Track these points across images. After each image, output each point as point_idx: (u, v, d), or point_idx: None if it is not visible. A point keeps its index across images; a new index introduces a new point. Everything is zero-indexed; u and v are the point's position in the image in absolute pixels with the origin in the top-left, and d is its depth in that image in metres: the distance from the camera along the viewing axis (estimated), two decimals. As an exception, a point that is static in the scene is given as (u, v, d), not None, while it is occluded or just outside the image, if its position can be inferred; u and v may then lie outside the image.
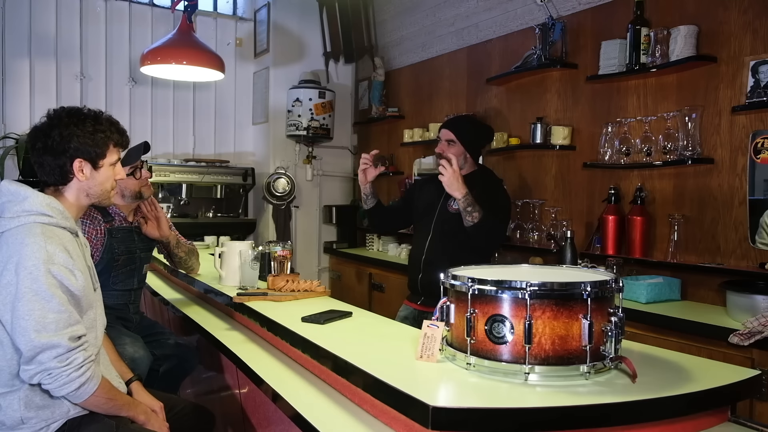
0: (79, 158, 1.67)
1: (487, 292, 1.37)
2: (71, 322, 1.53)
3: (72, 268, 1.56)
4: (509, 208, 2.78)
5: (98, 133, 1.69)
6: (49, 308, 1.49)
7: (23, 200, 1.59)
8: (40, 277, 1.50)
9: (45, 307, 1.49)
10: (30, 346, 1.47)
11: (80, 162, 1.67)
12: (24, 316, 1.48)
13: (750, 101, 2.49)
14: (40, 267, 1.50)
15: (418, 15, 4.63)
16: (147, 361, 2.23)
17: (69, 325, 1.52)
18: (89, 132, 1.67)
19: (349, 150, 5.44)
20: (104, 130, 1.71)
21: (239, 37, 5.36)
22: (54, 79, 4.62)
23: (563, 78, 3.39)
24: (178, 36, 3.79)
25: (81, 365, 1.52)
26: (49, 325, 1.48)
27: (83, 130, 1.67)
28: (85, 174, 1.68)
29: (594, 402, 1.22)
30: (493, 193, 2.67)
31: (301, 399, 1.61)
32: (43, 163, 1.66)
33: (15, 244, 1.53)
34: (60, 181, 1.68)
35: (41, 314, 1.48)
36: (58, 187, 1.69)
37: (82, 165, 1.67)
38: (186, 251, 2.67)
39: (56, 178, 1.67)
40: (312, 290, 2.36)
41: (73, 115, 1.68)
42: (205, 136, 5.28)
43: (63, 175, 1.67)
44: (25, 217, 1.56)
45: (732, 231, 2.60)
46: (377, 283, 4.33)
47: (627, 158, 2.95)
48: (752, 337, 2.05)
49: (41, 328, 1.47)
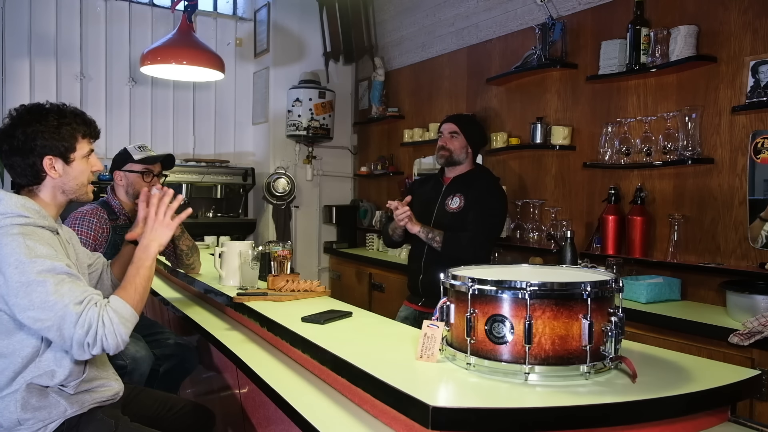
0: (48, 155, 1.61)
1: (487, 292, 1.37)
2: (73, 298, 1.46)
3: (56, 258, 1.51)
4: (504, 208, 2.78)
5: (63, 127, 1.63)
6: (46, 291, 1.44)
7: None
8: (27, 269, 1.45)
9: (42, 290, 1.44)
10: (47, 332, 1.45)
11: (50, 159, 1.62)
12: (27, 308, 1.44)
13: (750, 101, 2.49)
14: (23, 260, 1.45)
15: (418, 15, 4.63)
16: (149, 360, 2.23)
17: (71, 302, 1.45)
18: (54, 126, 1.62)
19: (349, 150, 5.45)
20: (69, 122, 1.65)
21: (239, 37, 5.36)
22: (54, 79, 4.62)
23: (563, 78, 3.39)
24: (178, 36, 3.79)
25: (98, 318, 1.45)
26: (54, 305, 1.43)
27: (47, 125, 1.61)
28: (57, 170, 1.63)
29: (594, 402, 1.22)
30: (487, 193, 2.67)
31: (301, 399, 1.61)
32: (13, 165, 1.61)
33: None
34: (33, 181, 1.63)
35: (42, 298, 1.44)
36: (32, 188, 1.64)
37: (53, 161, 1.62)
38: (189, 245, 2.69)
39: (29, 178, 1.63)
40: (312, 290, 2.36)
41: (35, 112, 1.62)
42: (205, 136, 5.29)
43: (35, 175, 1.62)
44: (1, 220, 1.51)
45: (732, 231, 2.60)
46: (377, 283, 4.33)
47: (627, 158, 2.95)
48: (752, 337, 2.05)
49: (47, 308, 1.43)
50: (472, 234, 2.57)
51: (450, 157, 2.71)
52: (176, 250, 2.68)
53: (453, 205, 2.66)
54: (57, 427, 1.58)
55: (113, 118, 4.85)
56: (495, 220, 2.70)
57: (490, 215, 2.65)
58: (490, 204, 2.66)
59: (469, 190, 2.66)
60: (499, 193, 2.77)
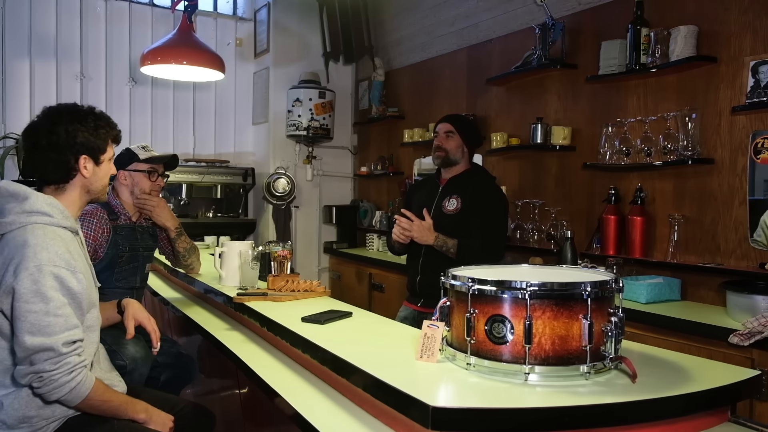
0: (84, 154, 1.68)
1: (487, 292, 1.37)
2: (68, 327, 1.51)
3: (74, 270, 1.55)
4: (505, 207, 2.77)
5: (100, 129, 1.71)
6: (46, 311, 1.48)
7: (24, 200, 1.59)
8: (41, 279, 1.49)
9: (42, 309, 1.48)
10: (23, 348, 1.47)
11: (85, 158, 1.68)
12: (20, 317, 1.47)
13: (750, 101, 2.49)
14: (42, 269, 1.49)
15: (418, 15, 4.63)
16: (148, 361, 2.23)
17: (65, 330, 1.50)
18: (92, 128, 1.69)
19: (349, 150, 5.45)
20: (104, 125, 1.73)
21: (239, 37, 5.36)
22: (54, 79, 4.62)
23: (563, 78, 3.39)
24: (178, 36, 3.79)
25: (72, 369, 1.50)
26: (44, 328, 1.47)
27: (86, 126, 1.68)
28: (88, 170, 1.69)
29: (594, 402, 1.22)
30: (486, 196, 2.66)
31: (301, 399, 1.61)
32: (46, 161, 1.66)
33: (16, 246, 1.52)
34: (63, 179, 1.68)
35: (37, 317, 1.47)
36: (60, 185, 1.69)
37: (86, 161, 1.69)
38: (186, 246, 2.68)
39: (60, 175, 1.67)
40: (312, 290, 2.36)
41: (75, 112, 1.70)
42: (205, 136, 5.29)
43: (67, 173, 1.67)
44: (26, 217, 1.56)
45: (732, 231, 2.60)
46: (377, 284, 4.33)
47: (627, 158, 2.95)
48: (752, 337, 2.05)
49: (36, 331, 1.47)
50: (483, 241, 2.57)
51: (446, 157, 2.71)
52: (174, 251, 2.68)
53: (450, 207, 2.66)
54: (59, 426, 1.59)
55: (113, 118, 4.81)
56: (501, 222, 2.71)
57: (496, 218, 2.65)
58: (493, 206, 2.65)
59: (466, 190, 2.66)
60: (499, 193, 2.76)
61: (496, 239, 2.63)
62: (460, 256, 2.52)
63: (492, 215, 2.62)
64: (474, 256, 2.45)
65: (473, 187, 2.66)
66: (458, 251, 2.54)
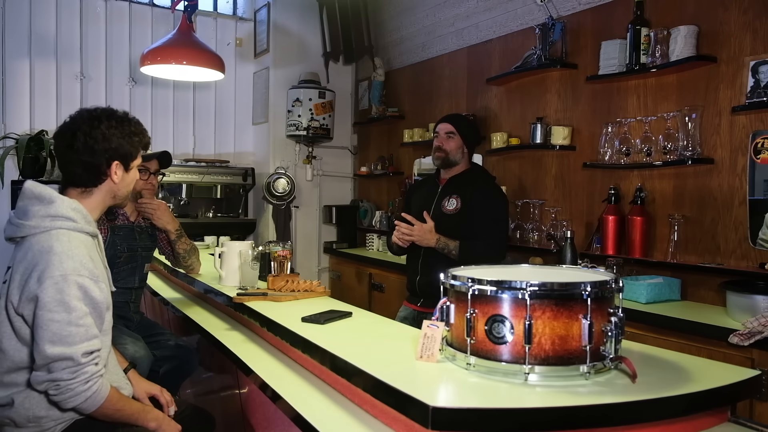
0: (117, 160, 1.67)
1: (487, 292, 1.37)
2: (88, 337, 1.50)
3: (97, 279, 1.54)
4: (506, 207, 2.78)
5: (135, 136, 1.70)
6: (69, 320, 1.47)
7: (49, 204, 1.57)
8: (65, 289, 1.47)
9: (65, 319, 1.47)
10: (42, 356, 1.46)
11: (117, 163, 1.67)
12: (42, 325, 1.46)
13: (750, 101, 2.49)
14: (67, 278, 1.48)
15: (418, 15, 4.63)
16: (148, 361, 2.23)
17: (85, 340, 1.49)
18: (128, 134, 1.68)
19: (349, 150, 5.45)
20: (139, 132, 1.72)
21: (239, 37, 5.36)
22: (54, 79, 4.62)
23: (563, 78, 3.39)
24: (178, 36, 3.79)
25: (89, 379, 1.50)
26: (65, 338, 1.46)
27: (123, 131, 1.67)
28: (118, 176, 1.68)
29: (594, 402, 1.22)
30: (487, 196, 2.66)
31: (301, 399, 1.61)
32: (77, 163, 1.63)
33: (41, 251, 1.51)
34: (92, 182, 1.66)
35: (59, 327, 1.46)
36: (88, 189, 1.67)
37: (118, 166, 1.67)
38: (186, 248, 2.68)
39: (89, 178, 1.66)
40: (312, 290, 2.36)
41: (114, 117, 1.69)
42: (205, 136, 5.29)
43: (96, 176, 1.66)
44: (50, 221, 1.54)
45: (732, 231, 2.60)
46: (377, 284, 4.33)
47: (627, 158, 2.95)
48: (752, 337, 2.05)
49: (57, 340, 1.46)
50: (484, 241, 2.57)
51: (446, 158, 2.71)
52: (174, 253, 2.67)
53: (450, 207, 2.66)
54: (67, 426, 1.60)
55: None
56: (502, 222, 2.71)
57: (497, 218, 2.65)
58: (493, 206, 2.65)
59: (466, 190, 2.66)
60: (499, 192, 2.76)
61: (497, 239, 2.63)
62: (462, 257, 2.52)
63: (493, 215, 2.62)
64: (476, 257, 2.45)
65: (473, 187, 2.66)
66: (460, 252, 2.54)
